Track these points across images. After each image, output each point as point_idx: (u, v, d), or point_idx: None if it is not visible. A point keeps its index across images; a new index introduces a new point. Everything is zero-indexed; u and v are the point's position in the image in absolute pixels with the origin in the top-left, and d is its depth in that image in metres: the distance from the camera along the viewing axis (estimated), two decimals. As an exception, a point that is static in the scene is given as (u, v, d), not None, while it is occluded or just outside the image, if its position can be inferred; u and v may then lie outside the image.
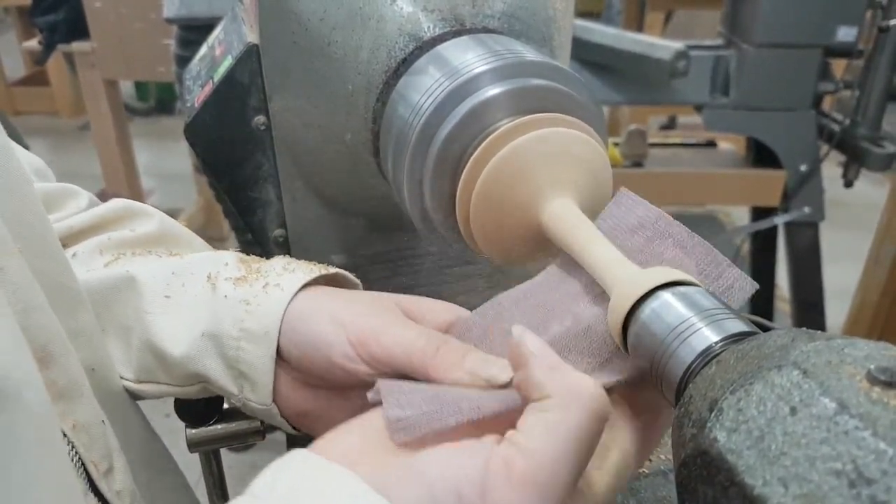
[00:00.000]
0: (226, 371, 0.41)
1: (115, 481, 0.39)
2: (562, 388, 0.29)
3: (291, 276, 0.41)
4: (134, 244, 0.48)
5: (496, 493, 0.27)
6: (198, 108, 0.52)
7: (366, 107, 0.47)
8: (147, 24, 2.11)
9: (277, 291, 0.40)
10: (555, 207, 0.39)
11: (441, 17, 0.46)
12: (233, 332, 0.40)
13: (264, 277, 0.42)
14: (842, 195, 1.90)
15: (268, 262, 0.44)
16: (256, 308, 0.40)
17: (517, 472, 0.27)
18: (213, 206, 2.74)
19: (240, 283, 0.42)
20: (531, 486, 0.27)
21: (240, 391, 0.41)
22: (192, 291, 0.43)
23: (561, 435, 0.28)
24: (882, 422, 0.21)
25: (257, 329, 0.40)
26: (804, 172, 1.63)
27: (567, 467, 0.27)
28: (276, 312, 0.40)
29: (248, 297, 0.41)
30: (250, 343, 0.40)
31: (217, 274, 0.43)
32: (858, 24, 1.50)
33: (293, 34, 0.47)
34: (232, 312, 0.41)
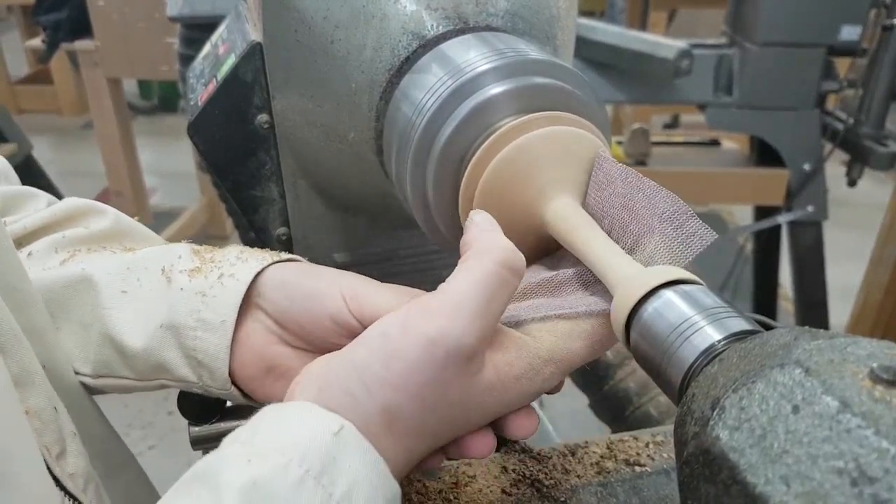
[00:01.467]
0: (184, 361, 0.43)
1: (69, 464, 0.41)
2: (480, 243, 0.35)
3: (245, 266, 0.43)
4: (89, 241, 0.49)
5: (412, 321, 0.33)
6: (201, 106, 0.52)
7: (369, 105, 0.47)
8: (150, 22, 2.12)
9: (232, 282, 0.42)
10: (558, 206, 0.39)
11: (444, 16, 0.46)
12: (190, 322, 0.42)
13: (218, 268, 0.43)
14: (845, 194, 1.90)
15: (221, 252, 0.46)
16: (213, 299, 0.42)
17: (432, 306, 0.33)
18: (216, 205, 2.75)
19: (194, 274, 0.44)
20: (442, 315, 0.32)
21: (199, 379, 0.43)
22: (147, 285, 0.44)
23: (471, 277, 0.33)
24: (884, 420, 0.21)
25: (213, 319, 0.42)
26: (808, 171, 1.63)
27: (474, 302, 0.33)
28: (232, 303, 0.42)
29: (205, 288, 0.43)
30: (207, 332, 0.42)
31: (171, 267, 0.44)
32: (862, 22, 1.50)
33: (296, 32, 0.47)
34: (188, 304, 0.42)
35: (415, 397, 0.33)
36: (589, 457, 0.52)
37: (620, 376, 1.08)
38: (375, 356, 0.33)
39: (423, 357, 0.32)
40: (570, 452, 0.52)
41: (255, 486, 0.29)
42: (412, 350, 0.32)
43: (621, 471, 0.50)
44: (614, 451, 0.52)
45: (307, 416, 0.32)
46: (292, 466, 0.29)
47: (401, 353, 0.32)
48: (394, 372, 0.32)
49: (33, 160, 2.28)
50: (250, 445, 0.31)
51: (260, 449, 0.30)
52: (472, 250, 0.34)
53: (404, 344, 0.32)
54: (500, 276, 0.33)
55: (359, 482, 0.31)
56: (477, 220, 0.36)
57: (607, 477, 0.50)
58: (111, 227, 0.50)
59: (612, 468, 0.50)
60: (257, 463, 0.29)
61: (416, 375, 0.32)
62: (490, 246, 0.34)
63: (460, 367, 0.33)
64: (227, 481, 0.29)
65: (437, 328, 0.32)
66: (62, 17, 2.25)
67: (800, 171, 1.63)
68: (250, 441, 0.31)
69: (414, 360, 0.32)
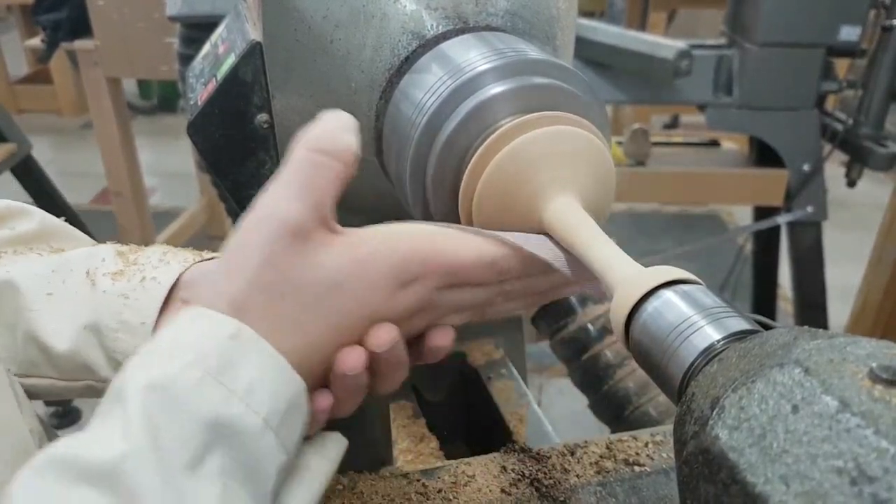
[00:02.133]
0: (107, 362, 0.44)
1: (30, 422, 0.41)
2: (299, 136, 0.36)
3: (167, 269, 0.44)
4: (14, 242, 0.49)
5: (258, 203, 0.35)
6: (201, 106, 0.52)
7: (369, 105, 0.47)
8: (150, 22, 2.11)
9: (154, 285, 0.44)
10: (557, 205, 0.39)
11: (444, 16, 0.46)
12: (112, 324, 0.43)
13: (141, 271, 0.45)
14: (845, 195, 1.90)
15: (144, 253, 0.47)
16: (135, 302, 0.43)
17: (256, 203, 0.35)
18: (215, 205, 2.75)
19: (118, 277, 0.44)
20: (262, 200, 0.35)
21: None
22: (72, 287, 0.45)
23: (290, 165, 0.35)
24: (884, 420, 0.22)
25: (135, 321, 0.43)
26: (807, 172, 1.63)
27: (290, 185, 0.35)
28: (153, 306, 0.43)
29: (127, 291, 0.44)
30: (128, 334, 0.43)
31: (95, 269, 0.45)
32: (862, 23, 1.50)
33: (296, 32, 0.47)
34: (111, 306, 0.43)
35: (255, 283, 0.34)
36: (588, 456, 0.52)
37: (620, 376, 1.08)
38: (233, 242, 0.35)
39: (264, 231, 0.34)
40: (570, 452, 0.52)
41: (154, 390, 0.30)
42: (255, 228, 0.34)
43: (620, 470, 0.50)
44: (613, 451, 0.52)
45: (200, 320, 0.33)
46: (191, 368, 0.31)
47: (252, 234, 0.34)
48: (249, 250, 0.34)
49: (33, 160, 2.28)
50: (150, 355, 0.32)
51: (158, 355, 0.32)
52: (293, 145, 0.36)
53: (253, 222, 0.35)
54: (313, 160, 0.35)
55: (260, 378, 0.32)
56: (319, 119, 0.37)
57: (606, 477, 0.50)
58: (37, 229, 0.50)
59: (611, 468, 0.50)
60: (157, 369, 0.31)
61: (250, 259, 0.34)
62: (304, 136, 0.36)
63: (290, 244, 0.34)
64: (129, 391, 0.30)
65: (257, 209, 0.35)
66: (62, 16, 2.24)
67: (799, 171, 1.63)
68: (150, 350, 0.32)
69: (242, 244, 0.34)
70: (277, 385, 0.32)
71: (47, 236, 0.50)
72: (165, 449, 0.29)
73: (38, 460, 0.29)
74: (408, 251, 0.36)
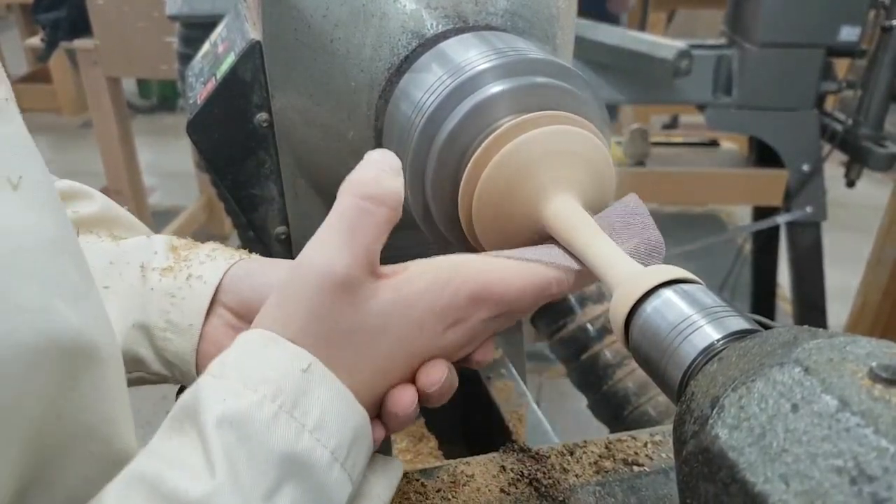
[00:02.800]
0: (156, 358, 0.45)
1: None
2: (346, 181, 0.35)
3: (213, 266, 0.45)
4: (77, 224, 0.50)
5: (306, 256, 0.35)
6: (200, 105, 0.52)
7: (368, 104, 0.47)
8: (150, 21, 2.11)
9: (200, 284, 0.45)
10: (557, 205, 0.39)
11: (444, 15, 0.46)
12: (160, 323, 0.44)
13: (188, 267, 0.46)
14: (844, 195, 1.90)
15: (195, 250, 0.48)
16: (181, 302, 0.44)
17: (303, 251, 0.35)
18: (215, 204, 2.75)
19: (166, 273, 0.46)
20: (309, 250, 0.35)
21: (173, 375, 0.46)
22: (127, 281, 0.46)
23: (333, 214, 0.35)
24: (884, 419, 0.22)
25: (182, 322, 0.44)
26: (806, 172, 1.63)
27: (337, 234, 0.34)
28: (200, 307, 0.44)
29: (174, 289, 0.45)
30: (175, 335, 0.44)
31: (148, 263, 0.46)
32: (861, 23, 1.50)
33: (296, 31, 0.47)
34: (159, 305, 0.45)
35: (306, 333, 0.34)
36: (587, 456, 0.51)
37: (619, 376, 1.08)
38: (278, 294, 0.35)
39: (311, 285, 0.34)
40: (569, 452, 0.52)
41: (232, 425, 0.30)
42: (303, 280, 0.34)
43: (619, 470, 0.50)
44: (613, 451, 0.52)
45: (273, 349, 0.33)
46: (266, 403, 0.31)
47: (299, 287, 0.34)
48: (293, 302, 0.34)
49: (32, 159, 2.27)
50: (223, 379, 0.32)
51: (233, 384, 0.32)
52: (340, 190, 0.36)
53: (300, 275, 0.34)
54: (359, 207, 0.34)
55: (329, 411, 0.33)
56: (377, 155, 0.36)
57: (605, 476, 0.50)
58: (99, 213, 0.51)
59: (610, 468, 0.50)
60: (232, 401, 0.31)
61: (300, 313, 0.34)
62: (350, 181, 0.35)
63: (339, 297, 0.34)
64: (205, 420, 0.30)
65: (306, 260, 0.34)
66: (61, 15, 2.24)
67: (798, 171, 1.63)
68: (221, 374, 0.33)
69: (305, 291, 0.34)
70: (344, 419, 0.33)
71: (108, 222, 0.52)
72: (246, 485, 0.30)
73: (127, 475, 0.30)
74: (454, 292, 0.36)
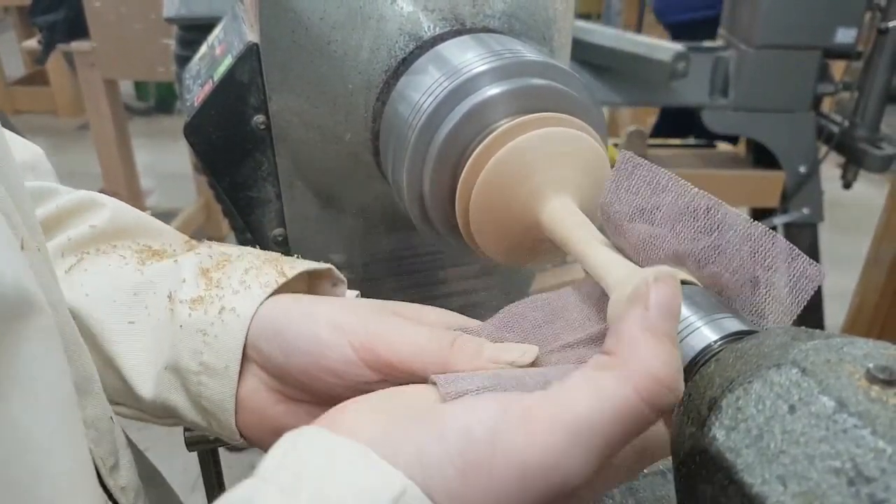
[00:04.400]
0: (191, 406, 0.40)
1: (121, 477, 0.39)
2: (632, 353, 0.26)
3: (248, 295, 0.39)
4: (97, 241, 0.45)
5: (509, 436, 0.25)
6: (197, 107, 0.52)
7: (366, 106, 0.47)
8: (147, 23, 2.11)
9: (233, 318, 0.38)
10: (554, 207, 0.39)
11: (441, 17, 0.46)
12: (193, 366, 0.39)
13: (220, 298, 0.39)
14: (840, 196, 1.90)
15: (228, 270, 0.41)
16: (214, 340, 0.38)
17: (538, 421, 0.25)
18: (212, 206, 2.74)
19: (196, 305, 0.40)
20: (549, 440, 0.25)
21: (209, 426, 0.41)
22: (155, 314, 0.41)
23: (602, 402, 0.25)
24: (881, 420, 0.22)
25: (217, 364, 0.38)
26: (803, 174, 1.63)
27: (595, 438, 0.25)
28: (235, 346, 0.38)
29: (205, 325, 0.39)
30: (211, 378, 0.39)
31: (176, 293, 0.41)
32: (857, 25, 1.51)
33: (293, 33, 0.47)
34: (190, 344, 0.39)
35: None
36: (585, 458, 0.51)
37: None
38: (450, 459, 0.26)
39: (514, 484, 0.25)
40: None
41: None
42: (501, 471, 0.25)
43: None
44: (611, 453, 0.52)
45: (361, 464, 0.26)
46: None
47: (486, 469, 0.25)
48: (471, 487, 0.25)
49: (29, 161, 2.27)
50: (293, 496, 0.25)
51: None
52: (618, 359, 0.26)
53: (493, 459, 0.25)
54: (641, 414, 0.26)
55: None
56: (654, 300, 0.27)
57: (604, 478, 0.50)
58: (111, 222, 0.46)
59: (608, 469, 0.50)
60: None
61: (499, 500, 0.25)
62: (644, 369, 0.26)
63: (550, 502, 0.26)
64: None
65: (541, 459, 0.25)
66: (58, 18, 2.24)
67: (795, 173, 1.64)
68: (292, 489, 0.25)
69: (499, 485, 0.25)
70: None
71: (127, 230, 0.46)
72: None
73: None
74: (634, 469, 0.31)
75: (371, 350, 0.34)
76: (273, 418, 0.39)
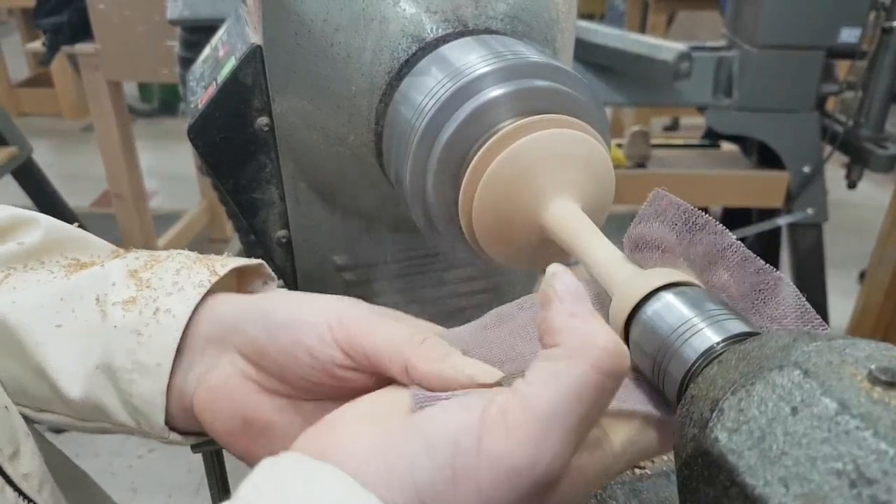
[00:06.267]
0: (121, 406, 0.40)
1: (22, 464, 0.39)
2: (572, 337, 0.28)
3: (182, 297, 0.40)
4: (24, 258, 0.45)
5: (490, 440, 0.27)
6: (201, 109, 0.52)
7: (368, 108, 0.47)
8: (150, 25, 2.12)
9: (169, 319, 0.39)
10: (557, 208, 0.39)
11: (444, 19, 0.46)
12: (126, 364, 0.39)
13: (154, 300, 0.40)
14: (845, 196, 1.90)
15: (158, 271, 0.42)
16: (148, 340, 0.39)
17: (512, 421, 0.27)
18: (216, 208, 2.75)
19: (129, 306, 0.40)
20: (525, 435, 0.26)
21: (137, 425, 0.41)
22: (82, 317, 0.41)
23: (562, 386, 0.27)
24: (883, 422, 0.22)
25: (150, 362, 0.39)
26: (807, 174, 1.63)
27: (566, 421, 0.27)
28: (169, 344, 0.39)
29: (139, 326, 0.40)
30: (143, 376, 0.39)
31: (105, 297, 0.41)
32: (861, 25, 1.50)
33: (296, 35, 0.47)
34: (123, 344, 0.40)
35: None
36: (589, 459, 0.51)
37: (620, 379, 1.08)
38: (441, 472, 0.27)
39: (503, 486, 0.26)
40: (570, 455, 0.52)
41: None
42: (488, 475, 0.26)
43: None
44: (614, 454, 0.52)
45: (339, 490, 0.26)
46: None
47: (473, 476, 0.26)
48: (462, 496, 0.27)
49: (33, 163, 2.28)
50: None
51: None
52: (563, 347, 0.28)
53: (479, 465, 0.26)
54: (600, 385, 0.27)
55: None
56: (561, 292, 0.29)
57: (607, 479, 0.50)
58: (45, 238, 0.46)
59: (611, 470, 0.50)
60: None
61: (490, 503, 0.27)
62: (588, 344, 0.27)
63: (538, 496, 0.27)
64: None
65: (524, 457, 0.26)
66: (62, 20, 2.25)
67: (799, 173, 1.64)
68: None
69: (489, 488, 0.26)
70: None
71: (57, 245, 0.47)
72: None
73: None
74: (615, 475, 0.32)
75: (345, 331, 0.35)
76: (245, 408, 0.39)
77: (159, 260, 0.43)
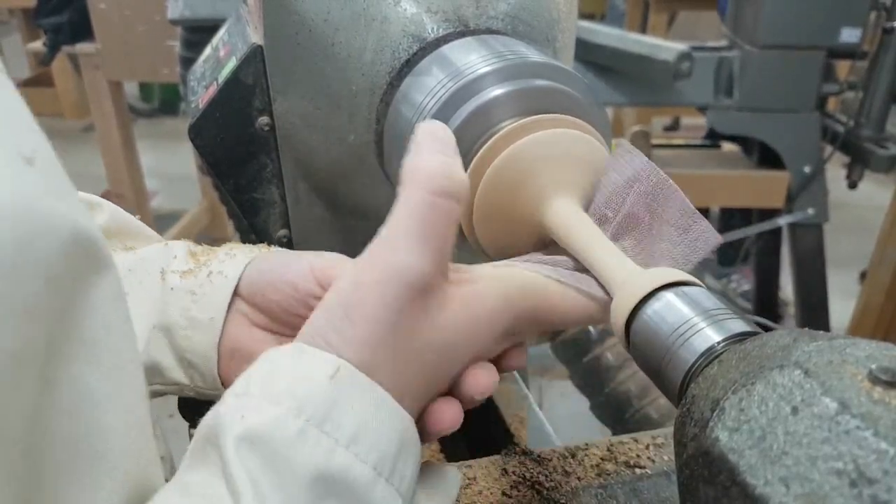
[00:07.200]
0: (177, 363, 0.44)
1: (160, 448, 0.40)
2: (407, 169, 0.32)
3: (233, 262, 0.44)
4: None
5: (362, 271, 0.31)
6: (202, 109, 0.52)
7: (369, 108, 0.47)
8: (151, 25, 2.12)
9: (220, 279, 0.43)
10: (557, 208, 0.39)
11: (445, 19, 0.46)
12: (181, 321, 0.43)
13: (208, 267, 0.44)
14: (845, 196, 1.90)
15: (213, 252, 0.46)
16: (202, 297, 0.43)
17: (374, 251, 0.31)
18: (217, 208, 2.75)
19: (186, 275, 0.44)
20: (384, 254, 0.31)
21: (191, 381, 0.44)
22: (147, 287, 0.45)
23: (405, 210, 0.31)
24: (883, 422, 0.22)
25: (202, 317, 0.42)
26: (808, 174, 1.63)
27: (413, 233, 0.31)
28: (221, 301, 0.42)
29: (194, 287, 0.43)
30: (197, 331, 0.42)
31: (167, 267, 0.45)
32: (862, 25, 1.50)
33: (297, 35, 0.47)
34: (179, 303, 0.43)
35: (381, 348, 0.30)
36: (589, 459, 0.52)
37: (621, 379, 1.08)
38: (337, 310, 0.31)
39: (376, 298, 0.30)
40: (571, 454, 0.52)
41: (253, 445, 0.27)
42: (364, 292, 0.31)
43: (621, 473, 0.50)
44: (614, 453, 0.52)
45: (299, 358, 0.30)
46: (289, 418, 0.28)
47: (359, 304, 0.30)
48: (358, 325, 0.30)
49: (34, 163, 2.27)
50: (245, 397, 0.29)
51: (254, 400, 0.29)
52: (404, 179, 0.32)
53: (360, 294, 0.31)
54: (434, 204, 0.31)
55: (366, 422, 0.29)
56: (418, 138, 0.33)
57: (607, 479, 0.50)
58: (107, 224, 0.49)
59: (612, 470, 0.50)
60: (252, 417, 0.28)
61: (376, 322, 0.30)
62: (416, 171, 0.32)
63: (415, 303, 0.31)
64: (225, 442, 0.27)
65: (377, 260, 0.31)
66: (63, 20, 2.25)
67: (800, 173, 1.63)
68: (245, 392, 0.29)
69: (364, 302, 0.30)
70: (384, 427, 0.29)
71: (118, 232, 0.49)
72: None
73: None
74: (522, 311, 0.35)
75: (325, 273, 0.41)
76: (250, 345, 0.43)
77: (216, 249, 0.47)
